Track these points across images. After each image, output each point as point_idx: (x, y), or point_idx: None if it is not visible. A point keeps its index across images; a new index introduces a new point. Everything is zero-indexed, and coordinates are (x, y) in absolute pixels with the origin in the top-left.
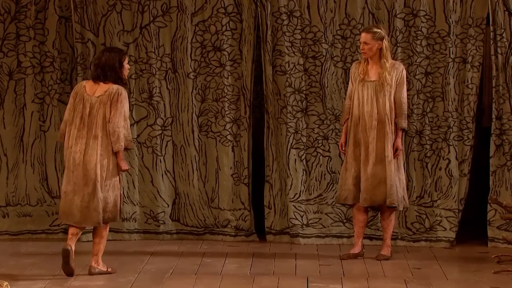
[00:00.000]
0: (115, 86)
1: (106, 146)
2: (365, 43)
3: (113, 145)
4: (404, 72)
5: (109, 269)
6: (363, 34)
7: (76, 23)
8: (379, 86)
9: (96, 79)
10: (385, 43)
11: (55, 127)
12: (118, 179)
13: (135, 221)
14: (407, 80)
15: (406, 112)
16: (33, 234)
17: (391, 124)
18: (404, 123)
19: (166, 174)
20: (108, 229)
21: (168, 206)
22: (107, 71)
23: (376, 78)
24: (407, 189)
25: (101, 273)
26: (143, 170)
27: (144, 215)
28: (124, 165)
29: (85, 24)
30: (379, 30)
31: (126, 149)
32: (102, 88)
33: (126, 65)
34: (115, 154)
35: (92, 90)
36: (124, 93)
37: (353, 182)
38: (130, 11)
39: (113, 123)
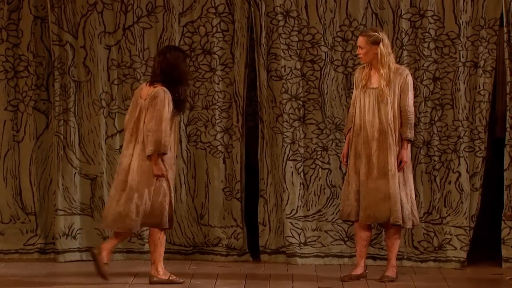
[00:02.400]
0: (157, 89)
1: (141, 150)
2: (360, 47)
3: (146, 149)
4: (410, 77)
5: (172, 278)
6: (358, 38)
7: (53, 24)
8: (380, 93)
9: (150, 81)
10: (381, 47)
11: (30, 137)
12: (163, 184)
13: None
14: (413, 86)
15: (413, 122)
16: (5, 254)
17: (395, 134)
18: (409, 133)
19: None
20: (162, 236)
21: None
22: (159, 74)
23: (378, 85)
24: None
25: (161, 282)
26: None
27: None
28: (156, 170)
29: (63, 25)
30: (374, 34)
31: (162, 154)
32: (149, 91)
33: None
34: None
35: (144, 94)
36: (161, 95)
37: (354, 197)
38: (112, 11)
39: (145, 127)
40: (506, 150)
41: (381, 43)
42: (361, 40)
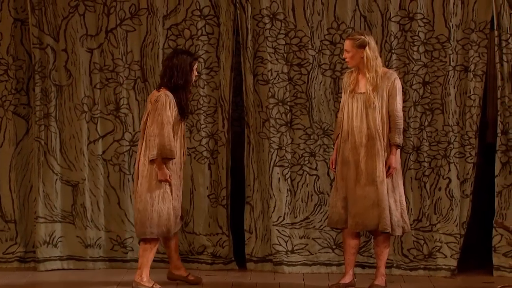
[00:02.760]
0: (160, 93)
1: (144, 153)
2: (346, 50)
3: (148, 154)
4: (398, 81)
5: (156, 286)
6: (345, 41)
7: (33, 27)
8: (367, 99)
9: (158, 85)
10: (367, 51)
11: (10, 143)
12: (165, 190)
13: (100, 248)
14: (402, 91)
15: (401, 126)
16: None
17: (383, 140)
18: (398, 139)
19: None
20: (153, 244)
21: None
22: (162, 78)
23: (365, 90)
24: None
25: None
26: (109, 191)
27: (110, 241)
28: (160, 175)
29: (43, 28)
30: (360, 37)
31: (166, 158)
32: (154, 96)
33: (195, 71)
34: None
35: (151, 98)
36: (162, 99)
37: (341, 204)
38: (95, 13)
39: (147, 131)
40: (497, 156)
41: (367, 47)
42: (347, 44)
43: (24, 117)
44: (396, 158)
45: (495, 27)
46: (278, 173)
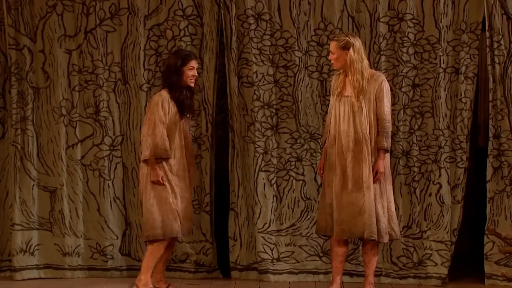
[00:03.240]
0: (156, 93)
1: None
2: (331, 52)
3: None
4: (385, 84)
5: None
6: (330, 42)
7: (9, 27)
8: (353, 102)
9: None
10: (351, 53)
11: None
12: (154, 192)
13: (79, 256)
14: (392, 94)
15: (389, 130)
16: None
17: (371, 144)
18: (385, 143)
19: (115, 201)
20: (156, 246)
21: (117, 238)
22: (163, 76)
23: (351, 93)
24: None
25: None
26: (88, 197)
27: (90, 249)
28: (152, 176)
29: (20, 28)
30: (345, 38)
31: (160, 158)
32: None
33: (187, 71)
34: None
35: None
36: (155, 99)
37: (328, 211)
38: (73, 13)
39: (141, 131)
40: (489, 161)
41: (351, 49)
42: (331, 45)
43: (0, 120)
44: (384, 163)
45: (486, 28)
46: (263, 179)
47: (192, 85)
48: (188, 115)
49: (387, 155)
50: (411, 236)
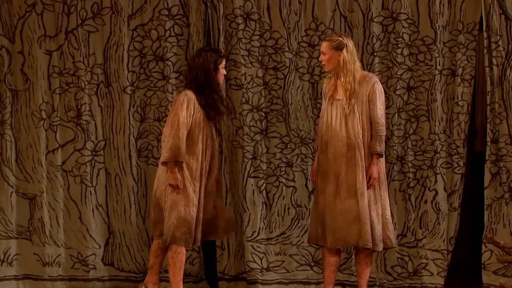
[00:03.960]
0: (181, 93)
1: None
2: (322, 52)
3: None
4: (378, 85)
5: None
6: (322, 43)
7: None
8: (345, 105)
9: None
10: (344, 54)
11: None
12: (179, 196)
13: (59, 266)
14: (386, 96)
15: (382, 134)
16: None
17: (364, 149)
18: (378, 147)
19: (97, 208)
20: (176, 255)
21: (100, 247)
22: (186, 78)
23: (343, 96)
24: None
25: None
26: (70, 204)
27: (71, 259)
28: (171, 179)
29: None
30: (338, 38)
31: (177, 161)
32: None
33: (222, 70)
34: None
35: None
36: (180, 99)
37: (319, 219)
38: (54, 12)
39: (163, 132)
40: (487, 166)
41: (344, 49)
42: (323, 45)
43: None
44: (380, 168)
45: (484, 28)
46: (252, 185)
47: (222, 83)
48: (216, 119)
49: (382, 160)
50: (406, 245)
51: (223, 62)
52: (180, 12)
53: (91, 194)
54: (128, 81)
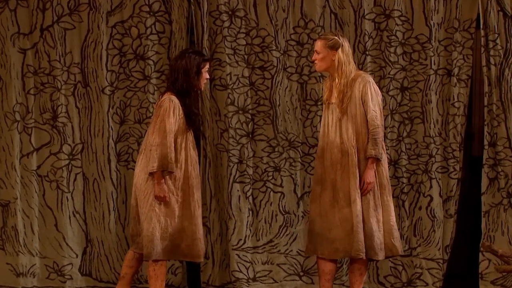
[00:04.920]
0: (164, 97)
1: (144, 166)
2: (316, 51)
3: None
4: (371, 85)
5: None
6: (316, 41)
7: None
8: (338, 108)
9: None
10: (339, 54)
11: None
12: (157, 207)
13: (34, 276)
14: (378, 95)
15: (378, 136)
16: None
17: (356, 154)
18: (373, 150)
19: (74, 215)
20: (158, 268)
21: (77, 256)
22: (167, 80)
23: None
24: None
25: None
26: (45, 211)
27: (46, 269)
28: (157, 191)
29: None
30: (333, 37)
31: (169, 172)
32: (159, 100)
33: (205, 73)
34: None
35: (157, 103)
36: (165, 104)
37: (309, 228)
38: (28, 8)
39: (149, 140)
40: (484, 171)
41: (340, 49)
42: (318, 44)
43: None
44: (381, 172)
45: (481, 26)
46: (238, 190)
47: (203, 88)
48: (195, 125)
49: (384, 163)
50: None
51: (207, 66)
52: (161, 9)
53: (67, 200)
54: (107, 81)
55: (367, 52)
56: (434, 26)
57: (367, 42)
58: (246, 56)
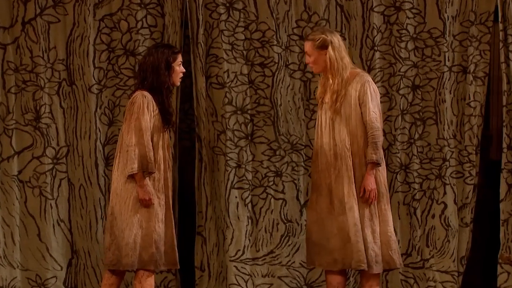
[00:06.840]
0: (135, 94)
1: (123, 169)
2: (307, 54)
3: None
4: (369, 85)
5: None
6: (305, 43)
7: None
8: (331, 109)
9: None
10: (330, 52)
11: None
12: (142, 211)
13: None
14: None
15: (378, 140)
16: None
17: (352, 157)
18: (373, 155)
19: (58, 224)
20: (144, 280)
21: (62, 269)
22: (136, 79)
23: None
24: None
25: None
26: (27, 220)
27: (28, 282)
28: (141, 193)
29: None
30: (321, 36)
31: (149, 173)
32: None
33: (178, 68)
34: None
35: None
36: (139, 101)
37: (306, 236)
38: (8, 0)
39: (124, 140)
40: (503, 176)
41: (329, 47)
42: (306, 46)
43: None
44: (379, 178)
45: (499, 19)
46: (236, 197)
47: (178, 84)
48: (171, 123)
49: (382, 169)
50: (411, 265)
51: (178, 59)
52: (153, 1)
53: (51, 207)
54: (94, 79)
55: (376, 48)
56: (448, 19)
57: (376, 37)
58: (245, 52)
